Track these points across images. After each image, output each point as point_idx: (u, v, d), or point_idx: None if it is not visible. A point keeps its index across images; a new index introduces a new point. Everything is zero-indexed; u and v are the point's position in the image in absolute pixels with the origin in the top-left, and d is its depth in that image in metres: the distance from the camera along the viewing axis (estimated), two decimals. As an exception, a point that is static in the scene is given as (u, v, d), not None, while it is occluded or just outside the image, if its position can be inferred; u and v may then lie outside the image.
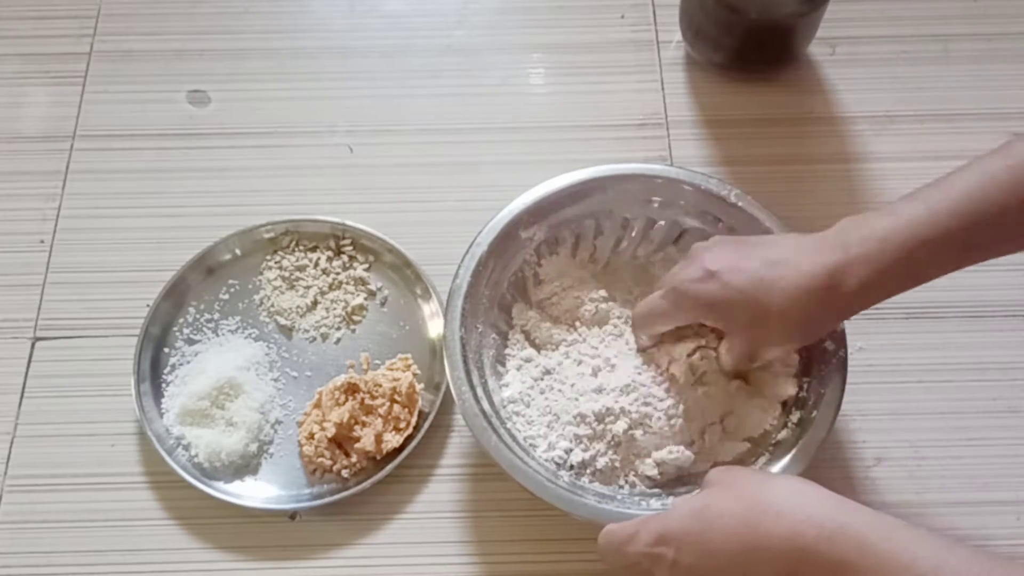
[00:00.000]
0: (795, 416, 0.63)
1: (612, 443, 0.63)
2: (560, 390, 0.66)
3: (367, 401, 0.67)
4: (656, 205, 0.70)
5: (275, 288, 0.74)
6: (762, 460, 0.62)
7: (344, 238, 0.76)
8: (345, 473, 0.66)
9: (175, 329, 0.73)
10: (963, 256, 0.56)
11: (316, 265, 0.75)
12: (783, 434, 0.63)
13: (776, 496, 0.49)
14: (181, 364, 0.71)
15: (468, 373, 0.63)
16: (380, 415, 0.67)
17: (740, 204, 0.68)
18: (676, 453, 0.62)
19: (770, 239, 0.61)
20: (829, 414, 0.61)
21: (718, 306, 0.59)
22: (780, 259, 0.57)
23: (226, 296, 0.74)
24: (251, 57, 0.86)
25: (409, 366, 0.70)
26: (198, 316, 0.73)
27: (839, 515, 0.47)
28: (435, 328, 0.72)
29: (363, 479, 0.66)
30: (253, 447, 0.68)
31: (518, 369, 0.68)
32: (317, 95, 0.84)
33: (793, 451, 0.60)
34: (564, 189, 0.69)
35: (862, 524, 0.46)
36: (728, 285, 0.57)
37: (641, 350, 0.66)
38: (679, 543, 0.50)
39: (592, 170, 0.70)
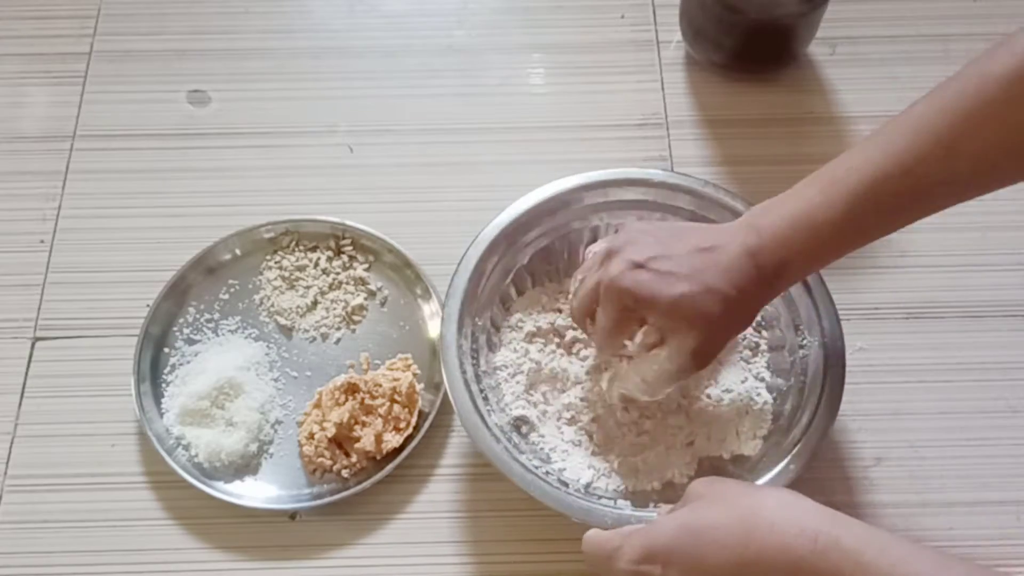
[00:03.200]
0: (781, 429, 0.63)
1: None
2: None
3: (367, 401, 0.68)
4: (651, 210, 0.70)
5: (275, 288, 0.74)
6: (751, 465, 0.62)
7: (344, 238, 0.76)
8: (345, 473, 0.66)
9: (175, 329, 0.73)
10: (866, 236, 0.56)
11: (316, 265, 0.75)
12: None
13: (768, 508, 0.48)
14: (181, 364, 0.71)
15: (464, 375, 0.63)
16: (380, 415, 0.67)
17: (737, 205, 0.68)
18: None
19: (682, 229, 0.60)
20: (822, 425, 0.61)
21: (654, 293, 0.55)
22: (706, 244, 0.57)
23: (226, 296, 0.74)
24: (251, 57, 0.86)
25: (409, 366, 0.70)
26: (198, 316, 0.73)
27: (833, 528, 0.46)
28: (435, 328, 0.72)
29: (363, 479, 0.66)
30: (253, 447, 0.68)
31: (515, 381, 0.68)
32: (317, 95, 0.84)
33: (786, 459, 0.61)
34: (561, 194, 0.69)
35: (855, 538, 0.46)
36: (659, 271, 0.56)
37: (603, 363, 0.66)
38: (667, 558, 0.49)
39: (587, 175, 0.70)
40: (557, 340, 0.69)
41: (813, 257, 0.57)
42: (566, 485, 0.62)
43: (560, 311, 0.70)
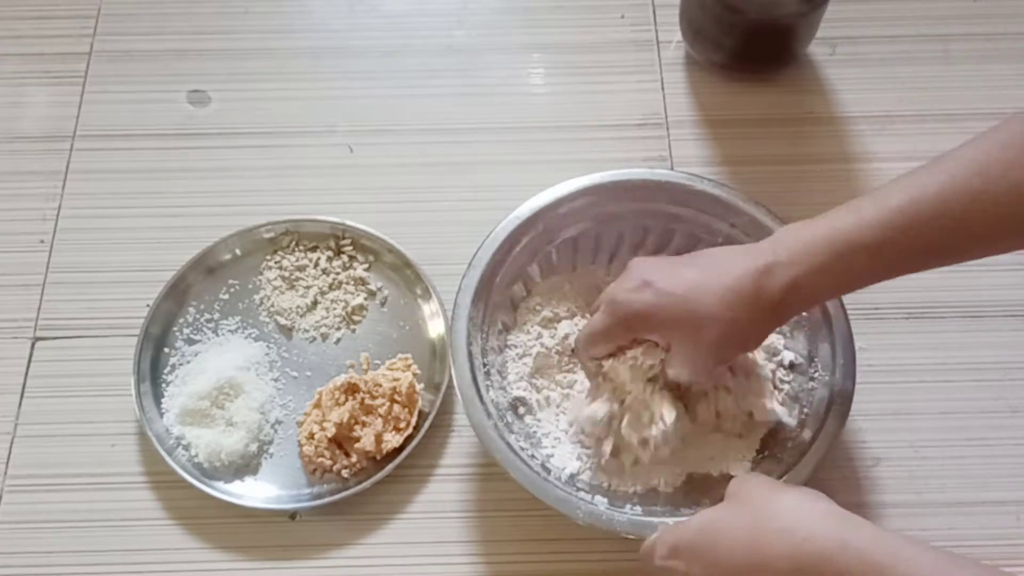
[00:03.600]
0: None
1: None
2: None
3: (367, 401, 0.68)
4: (671, 211, 0.70)
5: (275, 288, 0.74)
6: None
7: (344, 238, 0.76)
8: (345, 473, 0.66)
9: (175, 329, 0.73)
10: (896, 266, 0.55)
11: (316, 265, 0.75)
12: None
13: (780, 511, 0.49)
14: (181, 364, 0.71)
15: (470, 347, 0.63)
16: (380, 415, 0.67)
17: (749, 209, 0.68)
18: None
19: (710, 251, 0.61)
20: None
21: (653, 314, 0.58)
22: (713, 264, 0.58)
23: (226, 296, 0.74)
24: (251, 57, 0.86)
25: (409, 366, 0.70)
26: (198, 316, 0.73)
27: (842, 532, 0.47)
28: (435, 328, 0.72)
29: (363, 479, 0.66)
30: (253, 447, 0.68)
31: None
32: (317, 95, 0.84)
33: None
34: (580, 191, 0.69)
35: (864, 542, 0.46)
36: (661, 292, 0.58)
37: (591, 377, 0.66)
38: (689, 556, 0.51)
39: (605, 175, 0.70)
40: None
41: (829, 283, 0.56)
42: (548, 471, 0.62)
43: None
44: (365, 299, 0.74)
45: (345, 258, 0.76)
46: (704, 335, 0.57)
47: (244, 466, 0.68)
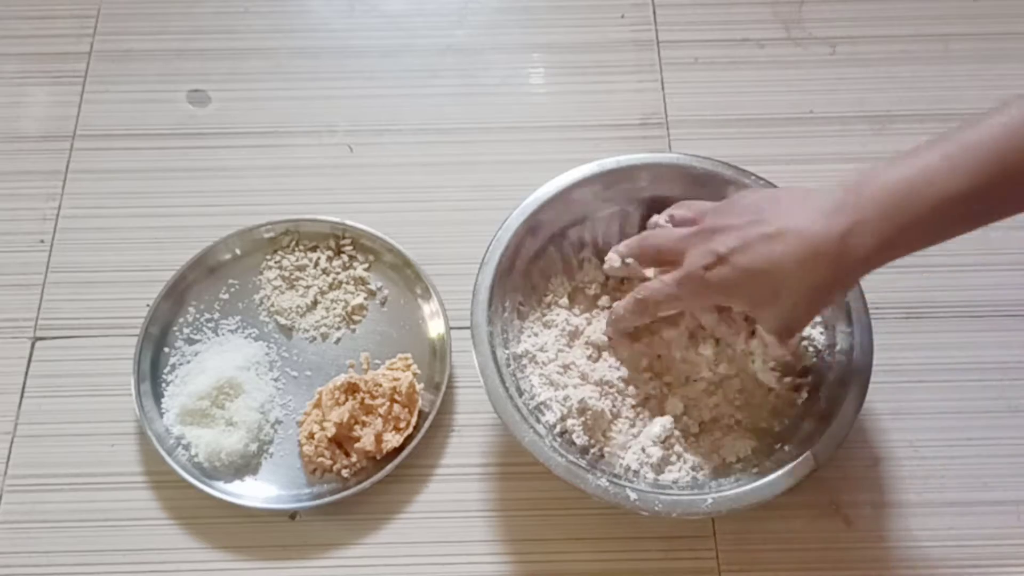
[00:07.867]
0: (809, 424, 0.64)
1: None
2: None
3: (367, 401, 0.68)
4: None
5: (275, 288, 0.74)
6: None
7: (344, 238, 0.76)
8: (345, 473, 0.66)
9: (175, 329, 0.73)
10: (985, 215, 0.53)
11: (316, 265, 0.75)
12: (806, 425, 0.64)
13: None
14: (181, 364, 0.71)
15: (495, 357, 0.63)
16: (380, 415, 0.67)
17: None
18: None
19: (781, 201, 0.57)
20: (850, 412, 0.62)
21: (733, 289, 0.57)
22: (789, 228, 0.55)
23: (226, 296, 0.74)
24: (251, 57, 0.86)
25: (409, 366, 0.70)
26: (198, 316, 0.73)
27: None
28: (435, 328, 0.72)
29: (363, 479, 0.66)
30: (253, 447, 0.68)
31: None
32: (317, 95, 0.84)
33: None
34: (598, 175, 0.69)
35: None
36: (737, 267, 0.56)
37: (612, 344, 0.67)
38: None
39: (620, 159, 0.70)
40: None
41: (922, 237, 0.54)
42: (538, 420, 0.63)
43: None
44: (365, 299, 0.74)
45: (345, 258, 0.76)
46: (784, 301, 0.56)
47: (244, 466, 0.68)
